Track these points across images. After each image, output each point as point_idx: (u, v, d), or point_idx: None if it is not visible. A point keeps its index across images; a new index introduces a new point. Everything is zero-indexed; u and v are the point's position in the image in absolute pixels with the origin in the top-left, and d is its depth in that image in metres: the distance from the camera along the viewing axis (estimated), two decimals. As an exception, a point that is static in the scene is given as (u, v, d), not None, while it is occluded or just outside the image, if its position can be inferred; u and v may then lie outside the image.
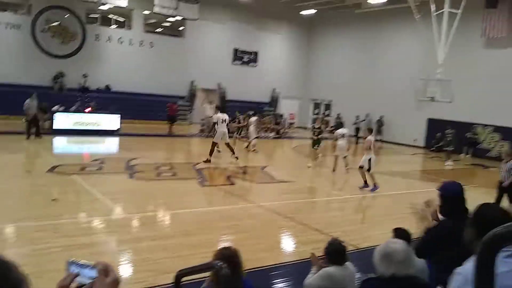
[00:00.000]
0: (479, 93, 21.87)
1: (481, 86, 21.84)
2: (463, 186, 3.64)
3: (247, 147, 18.24)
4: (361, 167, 11.86)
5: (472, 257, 1.94)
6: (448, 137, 19.17)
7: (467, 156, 22.19)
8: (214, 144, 14.74)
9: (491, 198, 12.27)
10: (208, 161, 14.20)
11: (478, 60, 22.11)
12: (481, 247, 1.30)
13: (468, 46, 22.19)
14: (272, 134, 25.46)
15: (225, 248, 3.30)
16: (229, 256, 3.14)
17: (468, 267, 1.89)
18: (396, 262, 2.58)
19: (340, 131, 15.23)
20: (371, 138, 12.11)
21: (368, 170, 11.71)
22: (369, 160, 11.66)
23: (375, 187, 11.67)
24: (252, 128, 18.33)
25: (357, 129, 25.37)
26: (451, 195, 3.52)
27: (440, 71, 19.47)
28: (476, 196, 12.71)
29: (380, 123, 26.23)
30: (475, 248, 2.11)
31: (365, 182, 11.85)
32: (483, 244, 1.30)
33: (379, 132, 26.00)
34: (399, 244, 2.73)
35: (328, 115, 27.31)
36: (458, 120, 22.32)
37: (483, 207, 2.36)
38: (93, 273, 1.39)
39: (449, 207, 3.48)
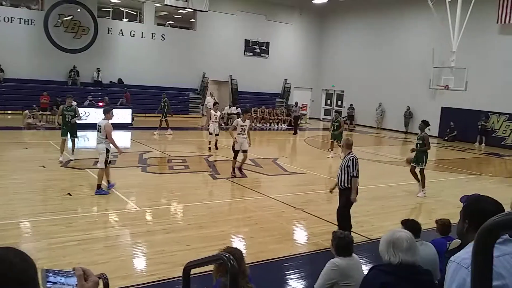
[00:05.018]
0: (494, 80, 21.56)
1: (496, 73, 21.52)
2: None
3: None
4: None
5: (467, 247, 1.99)
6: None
7: (481, 145, 21.92)
8: None
9: (504, 187, 12.18)
10: None
11: (493, 47, 21.76)
12: (479, 236, 1.29)
13: (482, 32, 21.83)
14: (284, 126, 25.43)
15: (229, 247, 3.55)
16: (233, 252, 3.22)
17: (460, 255, 1.92)
18: (401, 250, 2.67)
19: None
20: (104, 121, 9.35)
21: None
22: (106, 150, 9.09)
23: (109, 185, 9.37)
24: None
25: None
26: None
27: (454, 59, 19.17)
28: (490, 186, 12.47)
29: (409, 114, 25.82)
30: (465, 239, 2.15)
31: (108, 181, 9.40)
32: (481, 233, 1.28)
33: (406, 124, 25.75)
34: (404, 233, 2.83)
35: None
36: (472, 109, 22.08)
37: (474, 199, 2.34)
38: (73, 280, 1.40)
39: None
